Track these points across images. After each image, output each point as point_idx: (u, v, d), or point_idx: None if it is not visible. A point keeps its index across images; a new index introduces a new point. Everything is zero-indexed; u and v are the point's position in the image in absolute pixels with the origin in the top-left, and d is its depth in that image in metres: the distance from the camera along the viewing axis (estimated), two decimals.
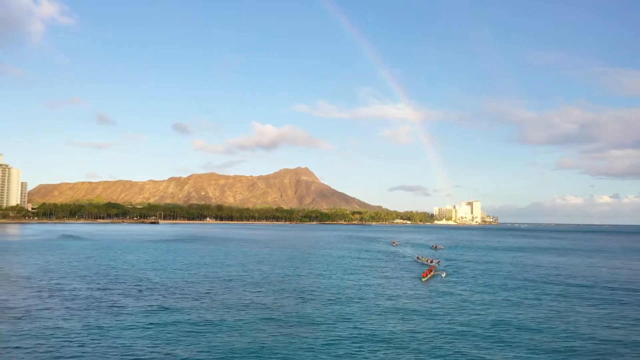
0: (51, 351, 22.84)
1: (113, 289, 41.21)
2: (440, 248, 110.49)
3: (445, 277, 53.99)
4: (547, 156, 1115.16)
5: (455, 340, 25.62)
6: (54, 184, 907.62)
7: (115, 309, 32.84)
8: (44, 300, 35.82)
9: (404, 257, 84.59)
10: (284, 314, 32.05)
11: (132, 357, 22.15)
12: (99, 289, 41.52)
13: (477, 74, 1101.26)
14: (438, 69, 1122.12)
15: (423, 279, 51.24)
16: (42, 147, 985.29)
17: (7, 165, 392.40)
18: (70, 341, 24.51)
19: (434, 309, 34.59)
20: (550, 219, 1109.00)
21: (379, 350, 23.90)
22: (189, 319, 29.95)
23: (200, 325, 28.42)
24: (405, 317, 31.38)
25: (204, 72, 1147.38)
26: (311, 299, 38.16)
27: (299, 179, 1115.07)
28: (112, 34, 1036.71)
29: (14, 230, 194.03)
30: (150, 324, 28.64)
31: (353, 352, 23.37)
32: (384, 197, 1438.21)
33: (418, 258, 77.76)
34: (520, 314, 33.31)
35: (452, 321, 30.72)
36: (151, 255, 78.58)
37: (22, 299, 36.19)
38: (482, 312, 33.53)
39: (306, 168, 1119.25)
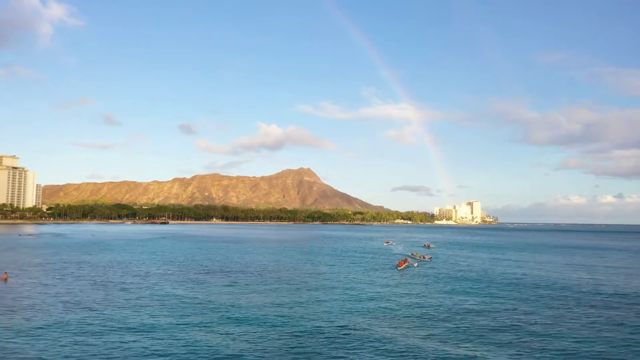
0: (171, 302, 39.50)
1: (190, 271, 57.98)
2: (432, 247, 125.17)
3: (417, 267, 70.17)
4: (551, 156, 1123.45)
5: (411, 312, 39.74)
6: (59, 185, 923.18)
7: (204, 283, 49.67)
8: (165, 280, 52.61)
9: (392, 253, 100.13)
10: (298, 293, 48.79)
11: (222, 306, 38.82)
12: (182, 271, 58.35)
13: (481, 74, 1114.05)
14: (441, 69, 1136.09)
15: (399, 268, 67.14)
16: (47, 148, 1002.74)
17: (23, 169, 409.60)
18: (178, 302, 41.20)
19: (401, 290, 49.76)
20: (553, 219, 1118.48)
21: (355, 316, 40.37)
22: (255, 289, 46.73)
23: (264, 293, 45.19)
24: (379, 295, 45.81)
25: (211, 73, 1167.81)
26: (317, 283, 54.81)
27: (302, 179, 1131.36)
28: (120, 35, 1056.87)
29: (56, 230, 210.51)
30: (230, 291, 45.43)
31: (336, 320, 38.80)
32: (387, 198, 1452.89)
33: (412, 254, 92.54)
34: (462, 299, 44.22)
35: (410, 297, 47.21)
36: (189, 251, 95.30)
37: (141, 279, 53.00)
38: (434, 294, 48.81)
39: (308, 169, 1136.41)
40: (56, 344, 26.97)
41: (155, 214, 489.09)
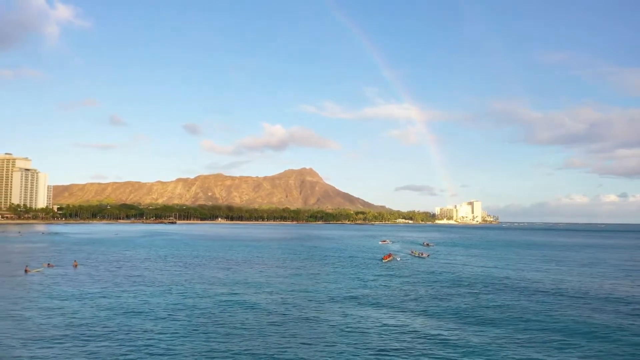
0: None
1: (221, 262, 70.11)
2: (431, 245, 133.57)
3: (400, 260, 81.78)
4: (554, 156, 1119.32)
5: (387, 294, 52.01)
6: (64, 185, 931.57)
7: (238, 271, 61.83)
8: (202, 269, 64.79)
9: (383, 250, 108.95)
10: (305, 279, 61.03)
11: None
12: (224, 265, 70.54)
13: (483, 74, 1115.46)
14: (443, 69, 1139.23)
15: (383, 261, 78.85)
16: (53, 148, 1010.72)
17: (35, 170, 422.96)
18: (221, 288, 53.26)
19: (384, 278, 61.72)
20: (555, 218, 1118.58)
21: (341, 299, 52.46)
22: (292, 274, 58.91)
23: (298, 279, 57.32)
24: (363, 282, 57.68)
25: (216, 73, 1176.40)
26: (317, 274, 67.07)
27: (304, 179, 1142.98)
28: (125, 36, 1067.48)
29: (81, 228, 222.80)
30: (258, 276, 57.64)
31: (326, 301, 51.44)
32: (390, 197, 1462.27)
33: (412, 252, 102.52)
34: (428, 284, 60.74)
35: (390, 283, 59.28)
36: (210, 248, 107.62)
37: (178, 268, 65.16)
38: (407, 281, 61.09)
39: (311, 169, 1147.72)
40: (138, 316, 37.62)
41: (161, 214, 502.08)
